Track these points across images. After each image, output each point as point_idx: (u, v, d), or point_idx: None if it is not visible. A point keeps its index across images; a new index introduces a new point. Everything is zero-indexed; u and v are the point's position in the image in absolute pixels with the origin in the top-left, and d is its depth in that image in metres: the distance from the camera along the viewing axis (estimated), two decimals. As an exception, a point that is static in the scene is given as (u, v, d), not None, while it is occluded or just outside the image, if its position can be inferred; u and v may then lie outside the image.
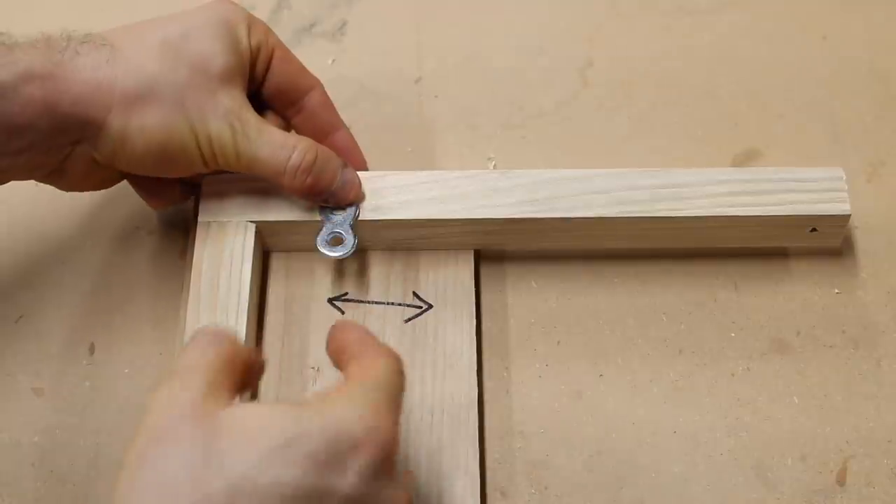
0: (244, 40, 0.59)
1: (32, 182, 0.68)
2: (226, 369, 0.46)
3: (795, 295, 0.64)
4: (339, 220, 0.61)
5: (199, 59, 0.57)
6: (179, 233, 0.66)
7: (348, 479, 0.43)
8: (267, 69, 0.61)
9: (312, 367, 0.61)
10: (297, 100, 0.62)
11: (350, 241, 0.60)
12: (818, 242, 0.64)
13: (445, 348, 0.61)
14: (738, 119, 0.71)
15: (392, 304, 0.63)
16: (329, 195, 0.60)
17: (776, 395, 0.61)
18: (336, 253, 0.60)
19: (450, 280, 0.63)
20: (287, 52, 0.62)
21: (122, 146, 0.56)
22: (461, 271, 0.63)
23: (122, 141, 0.56)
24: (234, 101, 0.58)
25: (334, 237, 0.60)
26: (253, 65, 0.60)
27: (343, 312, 0.62)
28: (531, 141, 0.70)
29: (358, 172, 0.62)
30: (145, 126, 0.56)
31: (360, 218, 0.61)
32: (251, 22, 0.60)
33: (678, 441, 0.60)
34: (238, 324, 0.58)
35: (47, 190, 0.68)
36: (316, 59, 0.74)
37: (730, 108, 0.72)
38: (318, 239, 0.60)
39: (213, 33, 0.58)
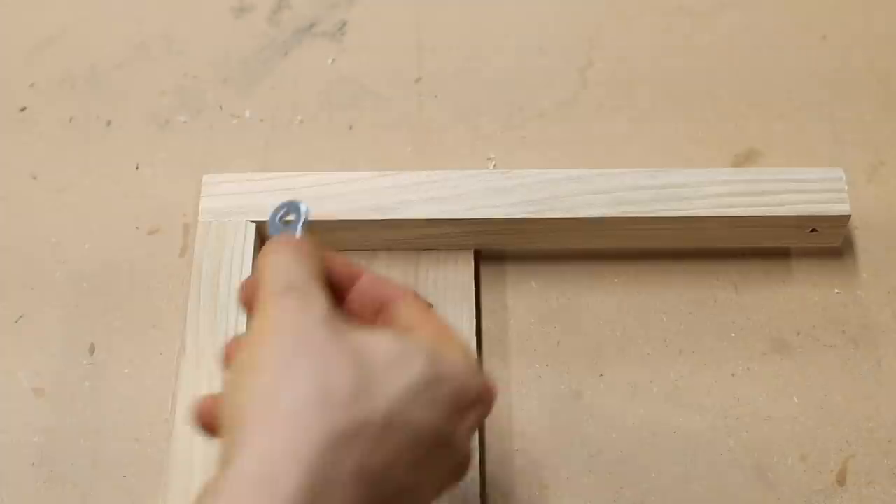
0: None
1: (32, 181, 0.69)
2: (322, 281, 0.46)
3: (795, 295, 0.64)
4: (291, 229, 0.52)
5: None
6: (179, 233, 0.66)
7: (463, 428, 0.46)
8: None
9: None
10: None
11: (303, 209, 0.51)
12: (818, 242, 0.64)
13: (445, 348, 0.61)
14: (738, 119, 0.71)
15: (392, 304, 0.62)
16: None
17: (776, 395, 0.61)
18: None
19: (450, 280, 0.63)
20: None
21: None
22: (461, 271, 0.63)
23: None
24: None
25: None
26: None
27: (343, 312, 0.62)
28: (531, 141, 0.70)
29: (359, 172, 0.63)
30: None
31: (360, 218, 0.61)
32: None
33: (678, 441, 0.60)
34: (238, 324, 0.58)
35: (47, 189, 0.68)
36: (316, 59, 0.74)
37: (730, 108, 0.72)
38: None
39: None
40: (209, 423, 0.46)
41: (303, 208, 0.51)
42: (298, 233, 0.50)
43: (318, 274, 0.47)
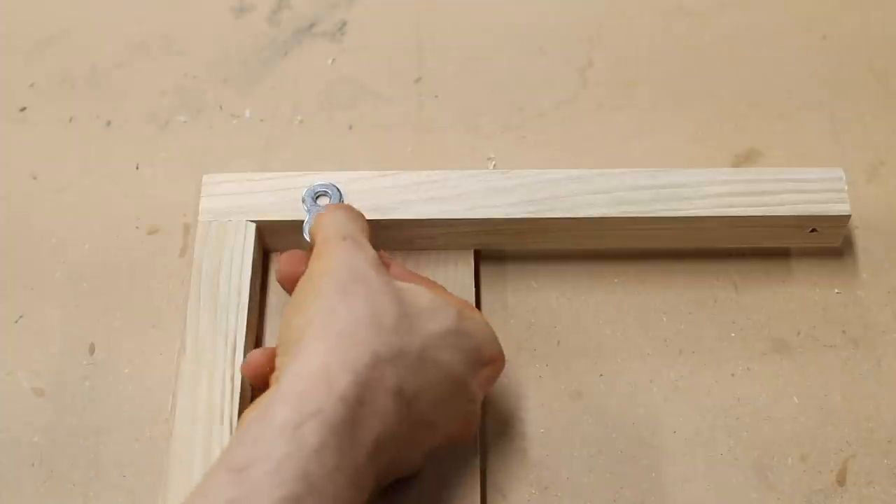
0: None
1: (32, 181, 0.69)
2: (368, 240, 0.55)
3: (795, 295, 0.64)
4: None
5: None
6: (179, 233, 0.66)
7: (478, 380, 0.54)
8: None
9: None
10: None
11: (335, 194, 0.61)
12: (818, 242, 0.64)
13: (445, 348, 0.61)
14: (738, 119, 0.71)
15: (392, 304, 0.62)
16: None
17: (776, 395, 0.61)
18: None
19: (450, 280, 0.63)
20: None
21: None
22: (461, 271, 0.63)
23: None
24: None
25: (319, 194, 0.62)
26: None
27: (343, 312, 0.62)
28: (531, 141, 0.70)
29: (359, 172, 0.63)
30: None
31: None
32: None
33: (678, 441, 0.60)
34: (238, 324, 0.58)
35: (47, 189, 0.68)
36: (316, 59, 0.74)
37: (730, 108, 0.72)
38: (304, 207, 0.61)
39: None
40: (259, 374, 0.53)
41: (337, 186, 0.61)
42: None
43: (366, 232, 0.56)
